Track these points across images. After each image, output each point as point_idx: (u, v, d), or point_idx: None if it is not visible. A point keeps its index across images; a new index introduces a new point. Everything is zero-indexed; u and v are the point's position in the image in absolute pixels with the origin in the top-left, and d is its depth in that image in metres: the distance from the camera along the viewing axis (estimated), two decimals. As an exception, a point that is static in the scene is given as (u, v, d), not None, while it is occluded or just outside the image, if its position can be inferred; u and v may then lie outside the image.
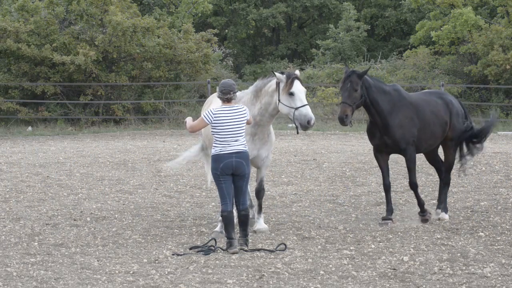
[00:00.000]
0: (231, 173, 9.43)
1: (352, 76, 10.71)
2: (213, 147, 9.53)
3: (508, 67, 29.80)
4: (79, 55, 28.23)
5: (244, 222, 9.57)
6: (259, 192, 10.60)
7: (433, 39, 32.62)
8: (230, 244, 9.45)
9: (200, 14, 37.63)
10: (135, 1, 33.82)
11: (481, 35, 31.24)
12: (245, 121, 9.55)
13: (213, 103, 10.96)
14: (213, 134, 9.51)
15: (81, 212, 12.12)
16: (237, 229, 9.72)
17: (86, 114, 29.31)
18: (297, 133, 10.46)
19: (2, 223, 11.24)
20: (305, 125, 9.92)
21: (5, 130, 27.46)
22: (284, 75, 10.07)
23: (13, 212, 12.09)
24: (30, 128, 28.07)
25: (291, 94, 9.96)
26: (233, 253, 9.32)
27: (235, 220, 9.80)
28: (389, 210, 11.12)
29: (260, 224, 10.65)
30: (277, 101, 10.05)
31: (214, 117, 9.42)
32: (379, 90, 10.94)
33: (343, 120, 10.62)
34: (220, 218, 9.98)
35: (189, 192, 13.94)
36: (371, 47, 41.19)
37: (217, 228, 10.51)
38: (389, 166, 11.33)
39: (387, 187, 11.15)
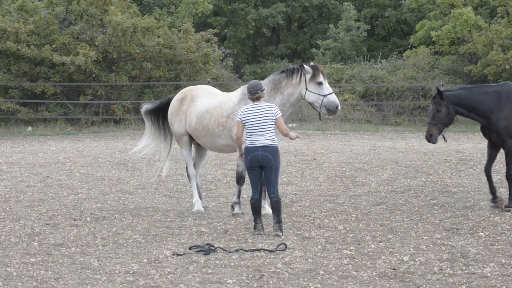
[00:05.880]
0: (258, 165, 10.23)
1: (436, 98, 11.63)
2: (246, 140, 10.37)
3: (507, 67, 29.81)
4: (79, 55, 28.23)
5: (275, 208, 10.22)
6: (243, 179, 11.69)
7: (433, 39, 32.61)
8: (254, 227, 10.43)
9: (200, 14, 37.64)
10: (135, 1, 33.83)
11: (481, 35, 31.24)
12: (273, 118, 10.24)
13: (199, 96, 12.12)
14: (246, 129, 10.32)
15: (81, 212, 12.12)
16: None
17: (86, 114, 29.31)
18: (320, 119, 12.19)
19: (2, 223, 11.23)
20: (334, 110, 11.31)
21: (5, 130, 27.45)
22: (311, 68, 11.42)
23: (13, 212, 12.08)
24: (30, 128, 28.06)
25: (320, 84, 11.29)
26: (257, 234, 10.25)
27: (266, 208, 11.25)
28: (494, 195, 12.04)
29: (237, 209, 11.66)
30: (304, 91, 11.31)
31: (243, 114, 10.32)
32: (478, 95, 11.73)
33: (429, 140, 11.72)
34: (234, 201, 11.61)
35: (189, 192, 13.92)
36: (371, 47, 41.18)
37: (236, 210, 11.69)
38: (492, 156, 12.04)
39: (488, 173, 11.99)
